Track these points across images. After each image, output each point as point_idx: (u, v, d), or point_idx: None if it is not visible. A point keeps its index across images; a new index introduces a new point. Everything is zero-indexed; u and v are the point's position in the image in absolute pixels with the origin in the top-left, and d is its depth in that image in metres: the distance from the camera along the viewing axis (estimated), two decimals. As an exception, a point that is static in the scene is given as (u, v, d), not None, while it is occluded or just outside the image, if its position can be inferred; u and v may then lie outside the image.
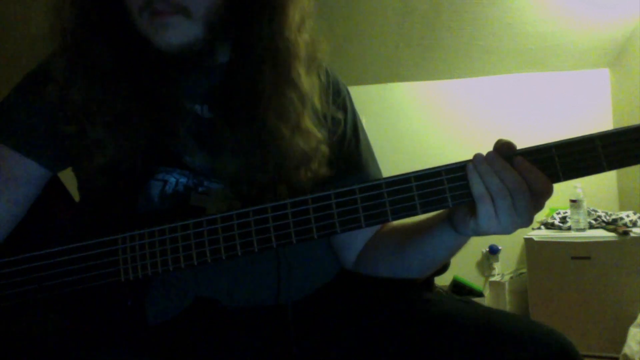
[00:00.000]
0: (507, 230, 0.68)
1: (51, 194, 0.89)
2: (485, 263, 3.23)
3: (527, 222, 0.68)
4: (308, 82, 0.84)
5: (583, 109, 3.15)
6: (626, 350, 2.14)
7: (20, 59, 0.87)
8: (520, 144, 0.69)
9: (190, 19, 0.77)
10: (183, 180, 0.84)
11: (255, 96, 0.81)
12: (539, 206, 0.68)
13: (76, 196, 0.93)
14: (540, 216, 2.91)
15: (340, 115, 0.91)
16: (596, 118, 3.11)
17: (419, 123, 3.33)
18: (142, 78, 0.81)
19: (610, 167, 0.65)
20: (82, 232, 0.79)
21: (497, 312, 0.79)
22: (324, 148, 0.86)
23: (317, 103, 0.86)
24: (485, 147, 0.70)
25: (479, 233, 0.71)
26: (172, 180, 0.84)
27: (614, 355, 2.33)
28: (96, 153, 0.79)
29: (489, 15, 2.83)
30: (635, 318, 2.27)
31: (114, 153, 0.79)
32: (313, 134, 0.84)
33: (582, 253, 2.54)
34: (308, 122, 0.84)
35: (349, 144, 0.94)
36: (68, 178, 0.91)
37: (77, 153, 0.81)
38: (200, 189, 0.84)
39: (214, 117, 0.86)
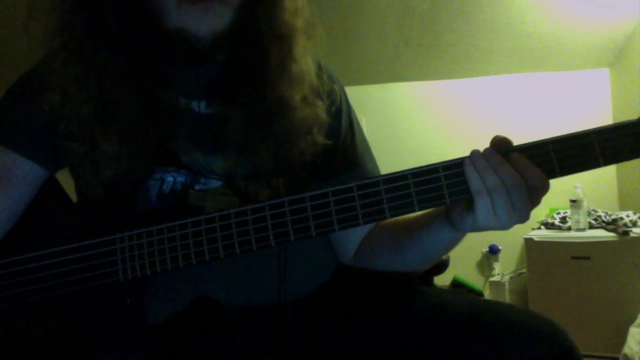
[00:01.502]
0: (505, 226, 0.69)
1: (49, 194, 0.89)
2: (485, 263, 3.23)
3: (524, 217, 0.68)
4: (306, 60, 0.88)
5: (583, 109, 3.15)
6: (626, 350, 2.14)
7: (20, 59, 0.87)
8: (519, 144, 0.69)
9: (227, 5, 0.78)
10: (181, 178, 0.84)
11: (261, 75, 0.84)
12: (535, 201, 0.69)
13: (73, 196, 0.93)
14: (540, 216, 2.91)
15: (335, 87, 0.94)
16: (596, 118, 3.10)
17: (419, 123, 3.33)
18: (143, 82, 0.81)
19: (606, 162, 0.66)
20: (80, 232, 0.79)
21: (493, 302, 0.80)
22: (324, 115, 0.88)
23: (314, 78, 0.89)
24: (485, 147, 0.70)
25: (476, 229, 0.72)
26: (170, 179, 0.84)
27: (614, 355, 2.33)
28: (105, 166, 0.80)
29: (489, 15, 2.83)
30: (635, 318, 2.27)
31: (125, 165, 0.80)
32: (314, 101, 0.88)
33: (582, 253, 2.55)
34: (308, 92, 0.88)
35: (344, 139, 0.95)
36: (66, 178, 0.91)
37: (82, 167, 0.81)
38: (197, 187, 0.84)
39: (213, 112, 0.87)
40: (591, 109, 3.15)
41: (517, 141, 0.69)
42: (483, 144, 0.70)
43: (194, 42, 0.78)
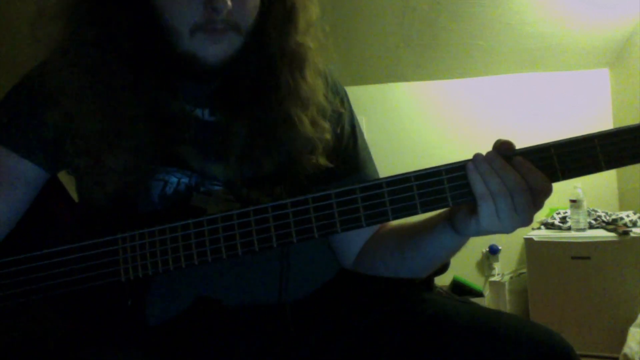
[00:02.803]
0: (508, 230, 0.69)
1: (51, 194, 0.89)
2: (485, 263, 3.23)
3: (527, 221, 0.68)
4: (317, 81, 0.88)
5: (583, 109, 3.15)
6: (626, 350, 2.14)
7: (20, 59, 0.86)
8: (520, 144, 0.69)
9: (239, 34, 0.79)
10: (185, 180, 0.84)
11: (269, 94, 0.85)
12: (538, 205, 0.69)
13: (75, 196, 0.93)
14: (540, 216, 2.91)
15: (340, 109, 0.95)
16: (596, 118, 3.11)
17: (419, 123, 3.33)
18: (149, 91, 0.81)
19: (608, 167, 0.66)
20: (82, 232, 0.79)
21: (495, 312, 0.79)
22: (328, 137, 0.89)
23: (322, 99, 0.89)
24: (486, 147, 0.70)
25: (479, 232, 0.71)
26: (173, 180, 0.84)
27: (614, 355, 2.33)
28: (110, 180, 0.80)
29: (489, 15, 2.83)
30: (635, 318, 2.27)
31: (132, 177, 0.80)
32: (321, 123, 0.88)
33: (582, 253, 2.54)
34: (316, 113, 0.88)
35: (346, 144, 0.95)
36: (67, 178, 0.91)
37: (87, 181, 0.82)
38: (202, 189, 0.84)
39: (216, 120, 0.87)
40: (591, 109, 3.15)
41: (517, 141, 0.69)
42: (483, 144, 0.70)
43: (202, 65, 0.79)
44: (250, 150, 0.84)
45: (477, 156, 0.68)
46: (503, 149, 0.69)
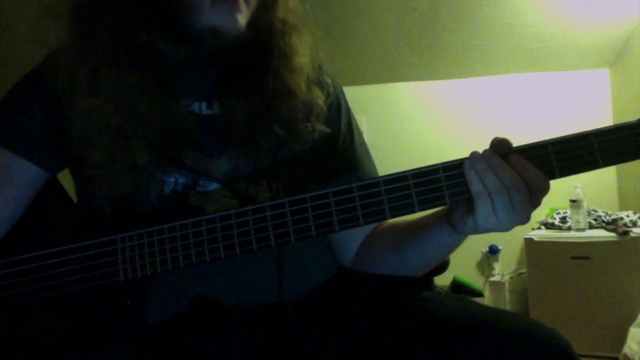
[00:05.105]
0: (505, 228, 0.69)
1: (49, 194, 0.89)
2: (485, 263, 3.23)
3: (525, 219, 0.68)
4: (305, 53, 0.90)
5: (583, 109, 3.15)
6: (626, 350, 2.14)
7: (20, 59, 0.87)
8: (519, 144, 0.69)
9: (249, 8, 0.82)
10: (182, 180, 0.84)
11: (264, 67, 0.87)
12: (536, 203, 0.69)
13: (74, 196, 0.93)
14: (540, 216, 2.91)
15: (333, 84, 0.96)
16: (596, 118, 3.10)
17: (419, 123, 3.33)
18: (155, 90, 0.81)
19: (605, 164, 0.66)
20: (80, 232, 0.79)
21: (495, 310, 0.79)
22: (322, 103, 0.90)
23: (311, 71, 0.91)
24: (485, 148, 0.70)
25: (477, 231, 0.71)
26: (171, 180, 0.84)
27: (614, 355, 2.33)
28: (124, 180, 0.80)
29: (489, 15, 2.83)
30: (635, 318, 2.28)
31: (144, 177, 0.81)
32: (314, 89, 0.90)
33: (582, 253, 2.55)
34: (308, 80, 0.90)
35: (343, 141, 0.95)
36: (66, 178, 0.91)
37: (100, 182, 0.82)
38: (199, 188, 0.84)
39: (214, 113, 0.87)
40: (591, 109, 3.15)
41: (517, 141, 0.69)
42: (483, 144, 0.70)
43: (222, 38, 0.80)
44: (249, 132, 0.85)
45: (473, 154, 0.68)
46: (500, 146, 0.68)
